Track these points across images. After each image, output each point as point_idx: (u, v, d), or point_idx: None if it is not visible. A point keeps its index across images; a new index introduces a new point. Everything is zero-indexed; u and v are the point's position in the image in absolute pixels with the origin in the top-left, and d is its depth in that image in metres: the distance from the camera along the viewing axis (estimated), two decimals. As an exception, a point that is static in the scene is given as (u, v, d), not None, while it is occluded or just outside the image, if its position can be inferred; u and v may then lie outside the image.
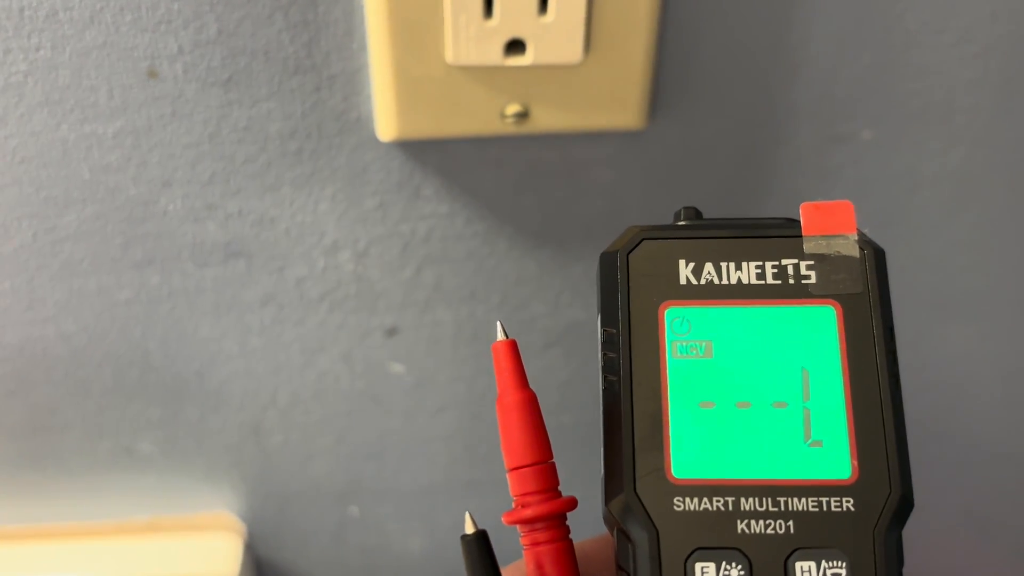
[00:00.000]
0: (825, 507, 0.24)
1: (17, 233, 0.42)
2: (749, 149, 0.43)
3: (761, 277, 0.26)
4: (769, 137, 0.42)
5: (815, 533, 0.24)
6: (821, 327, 0.25)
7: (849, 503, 0.24)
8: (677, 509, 0.24)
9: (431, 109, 0.38)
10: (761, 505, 0.24)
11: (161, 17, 0.36)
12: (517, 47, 0.36)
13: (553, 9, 0.35)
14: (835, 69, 0.40)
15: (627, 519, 0.24)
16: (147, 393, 0.48)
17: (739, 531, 0.24)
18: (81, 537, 0.53)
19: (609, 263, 0.26)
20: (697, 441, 0.25)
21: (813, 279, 0.26)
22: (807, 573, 0.24)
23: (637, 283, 0.26)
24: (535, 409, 0.26)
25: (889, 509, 0.24)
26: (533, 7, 0.35)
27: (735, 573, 0.24)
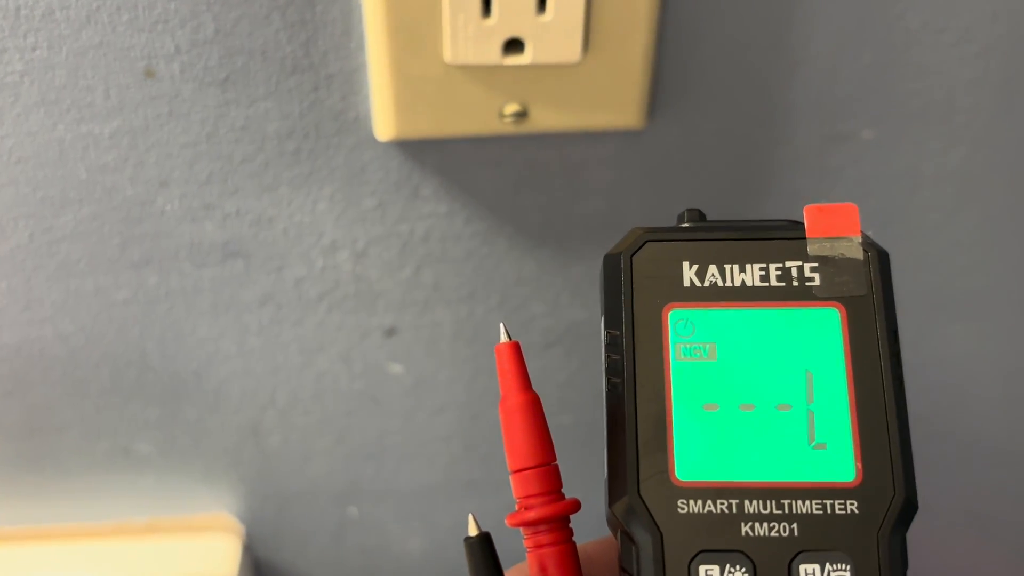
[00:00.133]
0: (829, 510, 0.24)
1: (14, 233, 0.41)
2: (749, 149, 0.43)
3: (765, 279, 0.26)
4: (769, 137, 0.42)
5: (819, 536, 0.24)
6: (825, 329, 0.25)
7: (853, 506, 0.24)
8: (681, 511, 0.24)
9: (429, 109, 0.38)
10: (765, 508, 0.24)
11: (158, 17, 0.36)
12: (516, 46, 0.36)
13: (552, 8, 0.35)
14: (835, 68, 0.40)
15: (631, 521, 0.24)
16: (145, 393, 0.48)
17: (743, 534, 0.24)
18: (79, 538, 0.53)
19: (613, 265, 0.26)
20: (701, 443, 0.25)
21: (817, 281, 0.25)
22: (811, 576, 0.24)
23: (641, 285, 0.26)
24: (538, 411, 0.26)
25: (893, 512, 0.24)
26: (532, 6, 0.35)
27: (739, 576, 0.24)
